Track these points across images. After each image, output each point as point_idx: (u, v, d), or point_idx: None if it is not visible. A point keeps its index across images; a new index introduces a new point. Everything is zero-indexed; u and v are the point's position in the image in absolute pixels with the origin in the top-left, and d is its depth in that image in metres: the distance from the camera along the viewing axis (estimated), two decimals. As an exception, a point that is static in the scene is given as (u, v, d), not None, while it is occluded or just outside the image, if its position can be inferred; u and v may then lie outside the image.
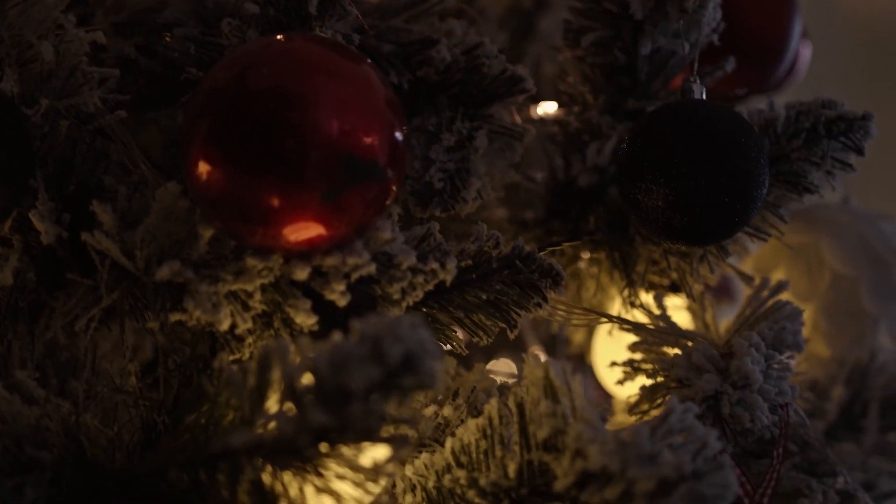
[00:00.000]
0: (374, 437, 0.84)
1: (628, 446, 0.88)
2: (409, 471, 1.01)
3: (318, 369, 0.82)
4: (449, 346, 1.08)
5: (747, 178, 1.04)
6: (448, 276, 1.01)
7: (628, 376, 1.16)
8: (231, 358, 1.01)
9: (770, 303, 1.14)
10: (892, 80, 3.21)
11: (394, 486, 1.08)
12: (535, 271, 1.05)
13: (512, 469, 0.96)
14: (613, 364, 1.17)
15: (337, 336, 0.84)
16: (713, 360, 1.08)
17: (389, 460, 0.86)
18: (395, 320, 0.83)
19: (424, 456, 1.01)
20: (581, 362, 1.41)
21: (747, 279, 1.21)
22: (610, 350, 1.28)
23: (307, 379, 0.83)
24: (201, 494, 0.91)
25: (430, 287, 1.01)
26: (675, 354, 1.10)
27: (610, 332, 1.27)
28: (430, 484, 0.99)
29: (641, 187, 1.05)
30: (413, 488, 1.02)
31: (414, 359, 0.82)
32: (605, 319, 1.20)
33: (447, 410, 1.08)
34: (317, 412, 0.81)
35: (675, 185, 1.03)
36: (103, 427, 1.01)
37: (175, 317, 0.98)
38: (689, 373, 1.08)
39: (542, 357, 1.45)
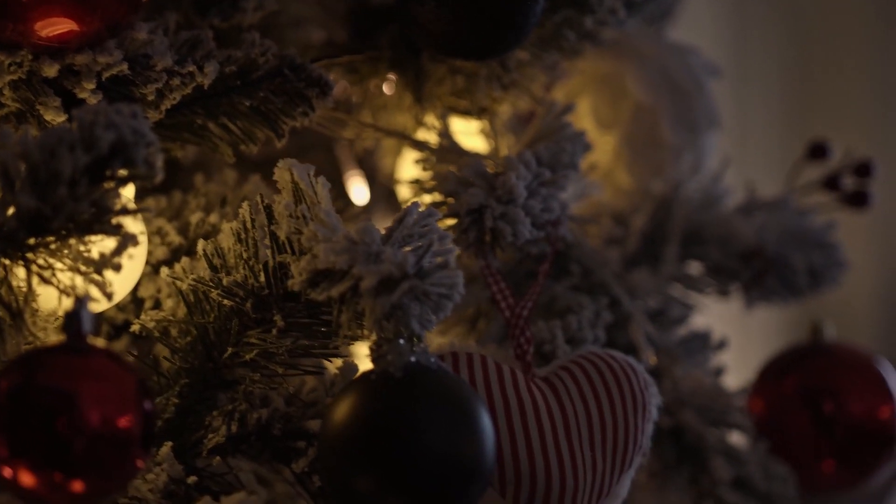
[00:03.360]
0: (94, 229, 0.84)
1: (357, 245, 0.89)
2: (164, 273, 1.01)
3: (31, 155, 0.82)
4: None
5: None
6: (206, 80, 1.00)
7: (416, 194, 1.17)
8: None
9: (554, 124, 1.14)
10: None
11: (159, 290, 1.09)
12: (303, 80, 1.05)
13: (260, 271, 0.97)
14: (398, 182, 1.18)
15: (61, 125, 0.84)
16: (483, 175, 1.08)
17: (115, 253, 0.86)
18: (112, 108, 0.83)
19: (185, 260, 1.02)
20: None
21: (539, 102, 1.21)
22: (408, 172, 1.29)
23: (21, 165, 0.83)
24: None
25: (189, 90, 1.01)
26: (449, 170, 1.11)
27: (398, 152, 1.28)
28: (185, 286, 1.00)
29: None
30: (179, 293, 1.03)
31: (126, 146, 0.82)
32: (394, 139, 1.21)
33: (214, 217, 1.09)
34: (26, 197, 0.81)
35: (444, -4, 1.03)
36: None
37: (-80, 113, 0.97)
38: (458, 187, 1.08)
39: (362, 184, 1.47)
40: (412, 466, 0.87)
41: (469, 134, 1.25)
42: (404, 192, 1.21)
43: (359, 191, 1.46)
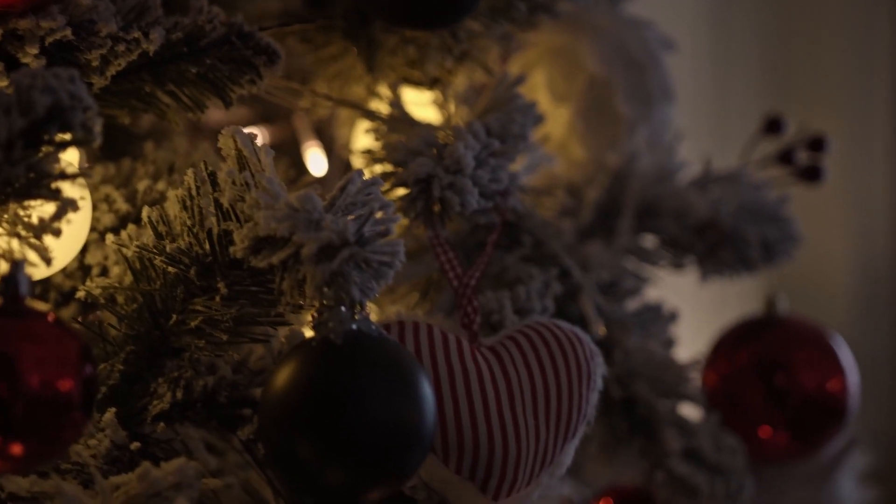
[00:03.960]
0: (32, 193, 0.84)
1: (298, 213, 0.89)
2: (110, 240, 1.01)
3: (-34, 119, 0.82)
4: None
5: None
6: (151, 47, 1.00)
7: (367, 164, 1.17)
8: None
9: (505, 95, 1.15)
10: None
11: (106, 258, 1.09)
12: (251, 48, 1.04)
13: (205, 238, 0.97)
14: (351, 152, 1.18)
15: (-2, 89, 0.83)
16: (431, 145, 1.09)
17: (54, 218, 0.86)
18: (50, 72, 0.83)
19: (130, 227, 1.02)
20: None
21: (489, 72, 1.21)
22: (361, 142, 1.29)
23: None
24: None
25: (134, 57, 1.00)
26: (398, 140, 1.11)
27: (354, 123, 1.28)
28: (130, 253, 1.00)
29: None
30: (125, 260, 1.03)
31: (63, 110, 0.81)
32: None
33: (161, 185, 1.09)
34: (-37, 160, 0.81)
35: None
36: None
37: None
38: (407, 157, 1.09)
39: (321, 156, 1.47)
40: (351, 434, 0.88)
41: (422, 105, 1.25)
42: (358, 163, 1.21)
43: (316, 161, 1.47)
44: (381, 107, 1.20)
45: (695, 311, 1.55)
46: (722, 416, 1.35)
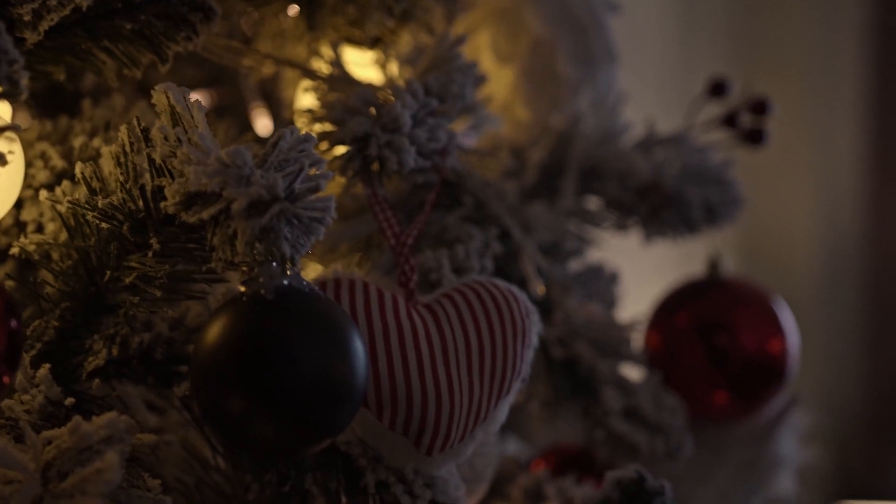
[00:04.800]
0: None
1: (229, 168, 0.89)
2: (43, 195, 1.01)
3: None
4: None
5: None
6: (84, 2, 0.99)
7: (308, 123, 1.17)
8: None
9: (446, 55, 1.15)
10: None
11: (41, 214, 1.09)
12: (186, 5, 1.04)
13: (138, 194, 0.97)
14: (293, 113, 1.18)
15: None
16: (370, 103, 1.09)
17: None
18: (-26, 25, 0.82)
19: (65, 183, 1.02)
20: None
21: (433, 33, 1.21)
22: (303, 102, 1.29)
23: None
24: None
25: (67, 12, 1.00)
26: (336, 98, 1.11)
27: (297, 85, 1.28)
28: (64, 209, 1.00)
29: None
30: (59, 216, 1.03)
31: (-14, 64, 0.81)
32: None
33: (97, 142, 1.08)
34: None
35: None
36: None
37: None
38: (345, 115, 1.09)
39: (266, 119, 1.47)
40: (281, 388, 0.88)
41: (365, 65, 1.25)
42: (300, 122, 1.21)
43: (264, 123, 1.46)
44: (322, 66, 1.20)
45: (662, 275, 1.57)
46: (663, 375, 1.36)
